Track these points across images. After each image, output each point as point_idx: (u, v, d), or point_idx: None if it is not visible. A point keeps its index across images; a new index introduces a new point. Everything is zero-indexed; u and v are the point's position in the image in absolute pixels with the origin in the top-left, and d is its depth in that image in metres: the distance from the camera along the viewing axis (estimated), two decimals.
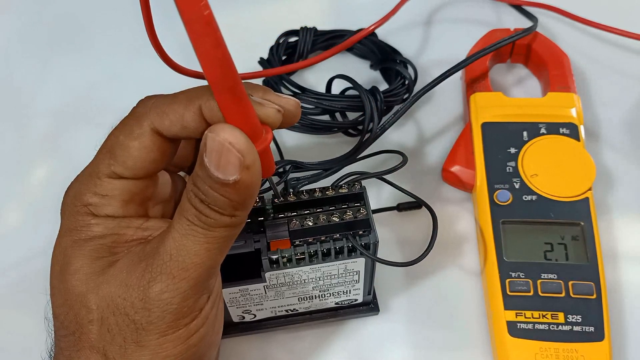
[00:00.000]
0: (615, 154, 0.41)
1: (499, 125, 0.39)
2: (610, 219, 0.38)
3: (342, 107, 0.39)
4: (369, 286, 0.32)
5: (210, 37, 0.18)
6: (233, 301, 0.31)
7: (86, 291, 0.23)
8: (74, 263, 0.23)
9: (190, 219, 0.22)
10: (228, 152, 0.20)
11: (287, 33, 0.45)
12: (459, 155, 0.39)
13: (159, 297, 0.22)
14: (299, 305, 0.33)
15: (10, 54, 0.51)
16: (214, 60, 0.19)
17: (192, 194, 0.22)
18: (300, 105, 0.25)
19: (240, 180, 0.21)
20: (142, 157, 0.23)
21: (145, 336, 0.22)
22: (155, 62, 0.25)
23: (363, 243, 0.28)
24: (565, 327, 0.32)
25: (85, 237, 0.24)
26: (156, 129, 0.23)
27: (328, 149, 0.41)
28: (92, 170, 0.24)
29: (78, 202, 0.24)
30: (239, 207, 0.22)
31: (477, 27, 0.48)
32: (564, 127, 0.38)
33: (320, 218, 0.28)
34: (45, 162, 0.44)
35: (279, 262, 0.28)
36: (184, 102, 0.23)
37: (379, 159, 0.37)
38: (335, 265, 0.29)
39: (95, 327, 0.22)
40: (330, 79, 0.41)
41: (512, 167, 0.37)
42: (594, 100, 0.44)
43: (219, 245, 0.22)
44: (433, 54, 0.48)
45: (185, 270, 0.22)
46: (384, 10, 0.44)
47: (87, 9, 0.53)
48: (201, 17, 0.17)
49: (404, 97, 0.42)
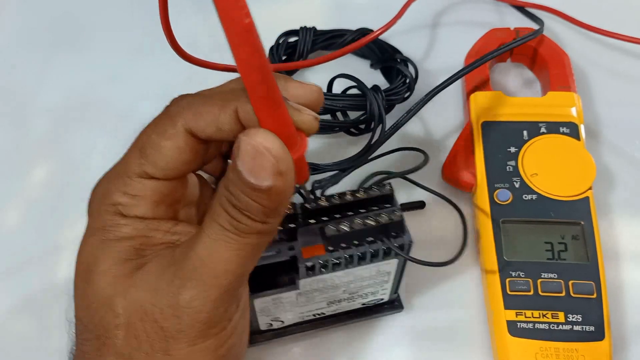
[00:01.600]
0: (615, 154, 0.41)
1: (499, 125, 0.39)
2: (611, 219, 0.38)
3: (344, 106, 0.39)
4: (396, 285, 0.32)
5: (249, 44, 0.18)
6: (264, 310, 0.30)
7: (113, 294, 0.22)
8: (102, 264, 0.22)
9: (222, 223, 0.21)
10: (262, 157, 0.20)
11: (287, 33, 0.45)
12: (459, 155, 0.39)
13: (189, 304, 0.21)
14: (327, 308, 0.32)
15: (11, 53, 0.51)
16: (252, 67, 0.19)
17: (225, 198, 0.21)
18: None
19: (273, 187, 0.20)
20: (175, 157, 0.23)
21: (174, 345, 0.21)
22: (155, 62, 0.24)
23: (398, 244, 0.28)
24: (565, 326, 0.32)
25: (113, 238, 0.23)
26: (190, 130, 0.22)
27: (332, 149, 0.42)
28: (122, 169, 0.23)
29: (107, 201, 0.23)
30: (271, 214, 0.21)
31: (478, 27, 0.48)
32: (564, 127, 0.38)
33: (355, 222, 0.27)
34: (45, 162, 0.44)
35: (315, 269, 0.28)
36: (219, 103, 0.22)
37: (390, 158, 0.37)
38: (369, 268, 0.29)
39: (121, 332, 0.21)
40: (333, 78, 0.41)
41: (512, 166, 0.37)
42: (595, 99, 0.44)
43: (250, 252, 0.22)
44: (434, 54, 0.48)
45: (217, 277, 0.21)
46: (383, 9, 0.44)
47: (87, 9, 0.53)
48: (242, 24, 0.17)
49: (405, 95, 0.42)
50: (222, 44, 0.18)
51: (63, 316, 0.36)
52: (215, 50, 0.47)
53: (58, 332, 0.36)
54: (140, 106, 0.46)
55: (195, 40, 0.48)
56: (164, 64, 0.45)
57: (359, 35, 0.45)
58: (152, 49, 0.48)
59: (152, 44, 0.48)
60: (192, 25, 0.49)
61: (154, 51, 0.48)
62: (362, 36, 0.46)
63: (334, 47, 0.46)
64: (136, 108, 0.46)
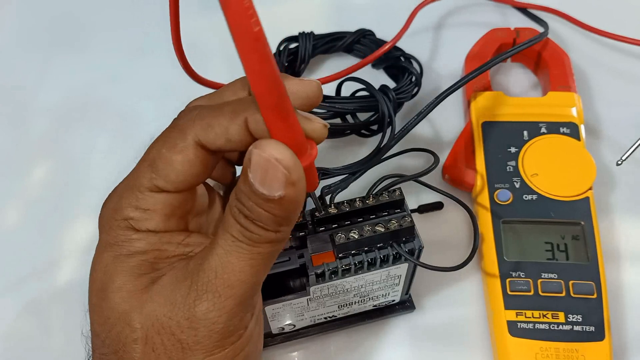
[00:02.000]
0: (615, 154, 0.41)
1: (499, 125, 0.39)
2: (611, 219, 0.38)
3: (354, 108, 0.39)
4: (407, 288, 0.32)
5: (258, 52, 0.18)
6: (275, 316, 0.31)
7: (130, 309, 0.22)
8: (116, 280, 0.22)
9: (235, 234, 0.21)
10: (274, 169, 0.20)
11: (288, 39, 0.45)
12: (459, 155, 0.39)
13: (205, 316, 0.21)
14: (339, 311, 0.33)
15: (11, 53, 0.51)
16: (260, 75, 0.19)
17: (236, 209, 0.21)
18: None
19: (285, 196, 0.20)
20: (185, 170, 0.23)
21: (192, 356, 0.22)
22: (155, 62, 0.24)
23: (408, 249, 0.28)
24: (565, 326, 0.32)
25: (126, 253, 0.23)
26: (200, 142, 0.22)
27: (340, 152, 0.42)
28: (133, 184, 0.23)
29: (118, 216, 0.23)
30: (283, 222, 0.21)
31: (479, 27, 0.48)
32: (565, 127, 0.38)
33: (364, 229, 0.28)
34: (45, 162, 0.44)
35: (324, 276, 0.28)
36: (229, 114, 0.22)
37: (395, 159, 0.37)
38: (379, 273, 0.29)
39: (139, 346, 0.22)
40: (341, 82, 0.41)
41: (513, 166, 0.37)
42: (595, 99, 0.44)
43: (263, 262, 0.22)
44: (434, 54, 0.48)
45: (231, 288, 0.21)
46: (382, 9, 0.44)
47: (87, 9, 0.53)
48: (251, 33, 0.17)
49: (413, 92, 0.42)
50: (222, 45, 0.18)
51: (64, 316, 0.36)
52: (215, 51, 0.48)
53: (58, 332, 0.36)
54: (140, 106, 0.46)
55: (196, 41, 0.48)
56: (164, 64, 0.45)
57: (358, 37, 0.45)
58: (152, 49, 0.48)
59: (152, 44, 0.48)
60: (195, 25, 0.49)
61: (154, 51, 0.48)
62: (361, 37, 0.46)
63: (335, 49, 0.46)
64: (136, 108, 0.46)
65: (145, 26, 0.51)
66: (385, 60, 0.45)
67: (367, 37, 0.45)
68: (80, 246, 0.39)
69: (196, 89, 0.29)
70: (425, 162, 0.41)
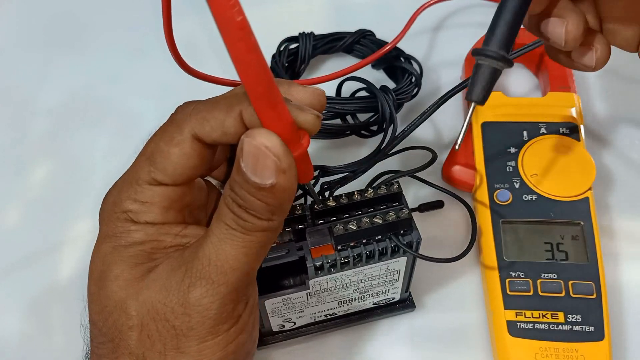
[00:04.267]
0: (615, 154, 0.41)
1: (499, 125, 0.39)
2: (610, 219, 0.38)
3: (354, 109, 0.39)
4: (407, 284, 0.32)
5: (243, 42, 0.18)
6: (275, 311, 0.31)
7: (126, 297, 0.23)
8: (114, 269, 0.23)
9: (229, 223, 0.22)
10: (264, 156, 0.21)
11: (288, 39, 0.45)
12: (458, 155, 0.39)
13: (198, 302, 0.22)
14: (338, 308, 0.33)
15: (11, 53, 0.51)
16: (247, 65, 0.19)
17: (230, 198, 0.22)
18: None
19: (276, 184, 0.21)
20: (183, 163, 0.23)
21: (185, 342, 0.22)
22: (155, 62, 0.25)
23: (406, 242, 0.28)
24: (565, 326, 0.32)
25: (125, 244, 0.24)
26: (197, 135, 0.23)
27: (341, 151, 0.42)
28: (132, 177, 0.24)
29: (117, 209, 0.24)
30: (276, 211, 0.22)
31: (479, 27, 0.48)
32: (564, 127, 0.38)
33: (362, 221, 0.28)
34: (45, 162, 0.44)
35: (323, 268, 0.28)
36: (224, 108, 0.23)
37: (394, 157, 0.37)
38: (378, 267, 0.29)
39: (135, 333, 0.22)
40: (341, 81, 0.41)
41: (512, 166, 0.37)
42: (595, 99, 0.44)
43: (256, 250, 0.22)
44: (434, 54, 0.48)
45: (224, 275, 0.22)
46: (381, 9, 0.44)
47: (87, 9, 0.53)
48: (234, 22, 0.18)
49: (413, 93, 0.42)
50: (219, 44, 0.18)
51: (64, 315, 0.36)
52: (211, 50, 0.48)
53: (58, 332, 0.36)
54: (140, 106, 0.46)
55: (190, 41, 0.48)
56: (164, 64, 0.45)
57: (358, 37, 0.46)
58: (152, 49, 0.48)
59: (152, 44, 0.48)
60: (189, 24, 0.49)
61: (153, 51, 0.48)
62: (362, 37, 0.46)
63: (335, 50, 0.46)
64: (136, 108, 0.46)
65: (145, 26, 0.51)
66: (385, 60, 0.45)
67: (367, 37, 0.46)
68: (80, 246, 0.39)
69: (196, 89, 0.29)
70: (424, 161, 0.41)
